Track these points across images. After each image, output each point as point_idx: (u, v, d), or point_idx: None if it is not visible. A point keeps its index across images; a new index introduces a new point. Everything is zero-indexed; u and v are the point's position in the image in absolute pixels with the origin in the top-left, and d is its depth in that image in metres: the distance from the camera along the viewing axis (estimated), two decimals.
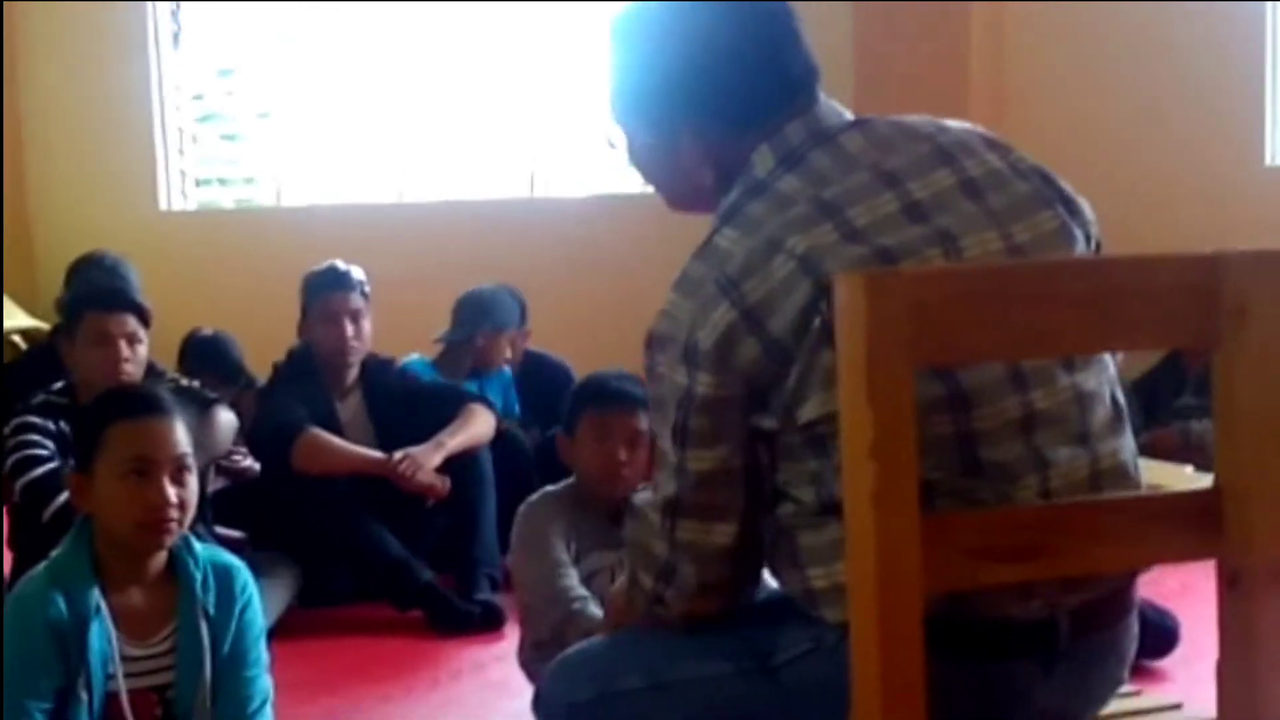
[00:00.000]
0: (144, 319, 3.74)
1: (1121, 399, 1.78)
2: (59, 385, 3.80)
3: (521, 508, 3.02)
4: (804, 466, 1.68)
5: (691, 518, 1.73)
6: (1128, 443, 1.77)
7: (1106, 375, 1.76)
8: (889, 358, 1.41)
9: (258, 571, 2.45)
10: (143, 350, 3.72)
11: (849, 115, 1.81)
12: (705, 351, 1.67)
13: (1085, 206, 1.81)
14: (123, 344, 3.66)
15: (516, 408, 4.92)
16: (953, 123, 1.82)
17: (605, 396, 2.98)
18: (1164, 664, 3.35)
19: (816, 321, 1.63)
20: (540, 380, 5.07)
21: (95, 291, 3.96)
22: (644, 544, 1.79)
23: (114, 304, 3.75)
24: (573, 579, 2.89)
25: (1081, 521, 1.59)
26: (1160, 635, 3.32)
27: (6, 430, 3.73)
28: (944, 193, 1.71)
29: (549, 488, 3.07)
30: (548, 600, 2.83)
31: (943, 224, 1.69)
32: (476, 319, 4.95)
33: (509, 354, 5.00)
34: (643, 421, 2.93)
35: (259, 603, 2.40)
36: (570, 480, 3.05)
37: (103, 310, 3.70)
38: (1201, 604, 3.84)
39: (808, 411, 1.65)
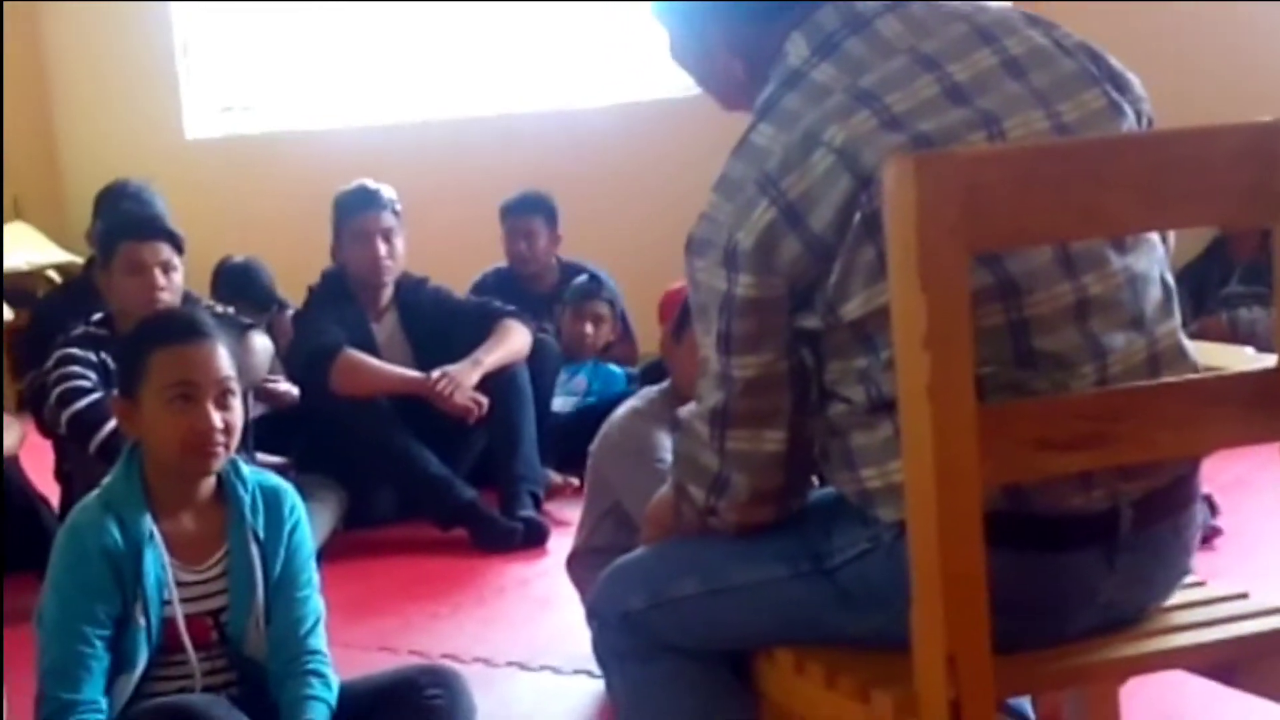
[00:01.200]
0: (178, 246, 3.73)
1: (1170, 280, 1.75)
2: (98, 317, 3.81)
3: (623, 413, 3.00)
4: (852, 365, 1.65)
5: (740, 426, 1.70)
6: (1178, 324, 1.74)
7: (1156, 256, 1.72)
8: (941, 242, 1.38)
9: (302, 495, 2.44)
10: (178, 278, 3.72)
11: None
12: (745, 252, 1.64)
13: (1135, 83, 1.76)
14: (158, 272, 3.66)
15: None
16: (991, 2, 1.77)
17: None
18: (1223, 559, 3.32)
19: (857, 216, 1.59)
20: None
21: (128, 221, 3.93)
22: (693, 457, 1.77)
23: (148, 233, 3.74)
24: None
25: (1142, 407, 1.56)
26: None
27: (49, 363, 3.74)
28: (985, 73, 1.67)
29: (647, 390, 3.06)
30: (647, 489, 2.79)
31: (985, 105, 1.65)
32: None
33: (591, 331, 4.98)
34: None
35: (307, 524, 2.39)
36: (665, 385, 3.03)
37: (137, 239, 3.70)
38: (1256, 497, 3.83)
39: (852, 309, 1.61)
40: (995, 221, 1.43)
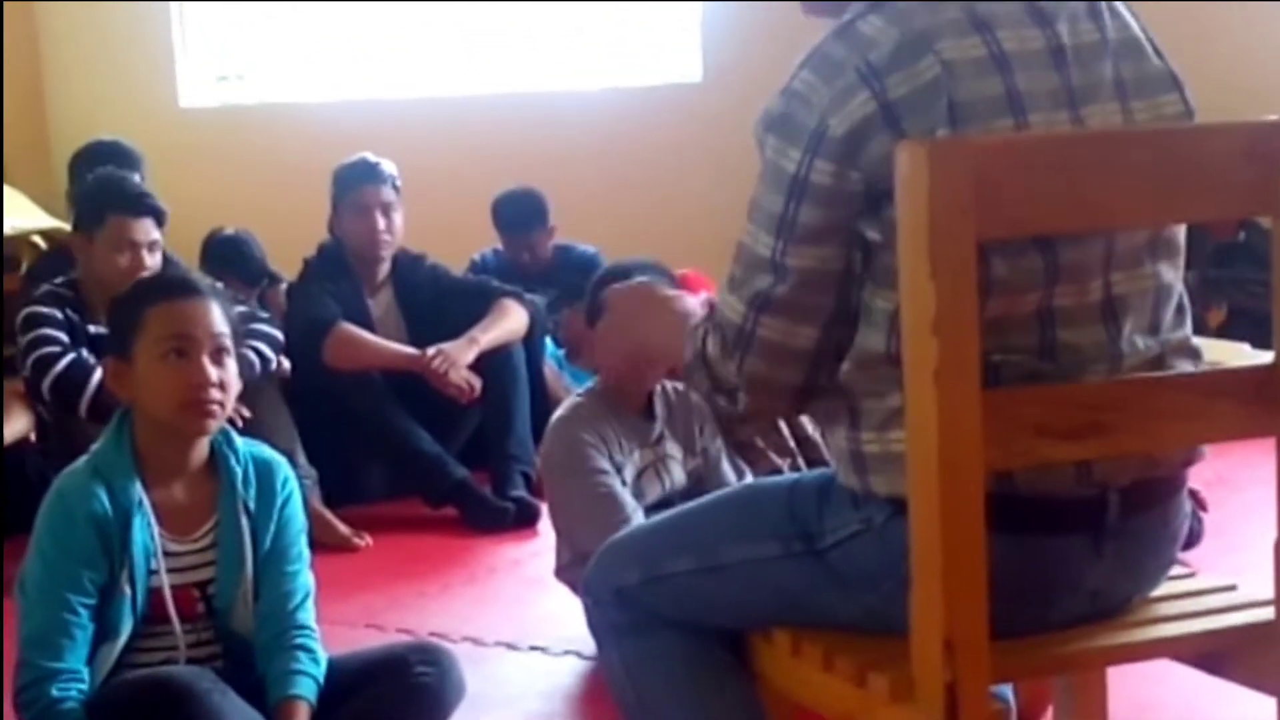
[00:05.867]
0: (162, 223, 3.72)
1: (1185, 295, 1.76)
2: (61, 280, 3.79)
3: (551, 424, 2.97)
4: (888, 300, 1.61)
5: (779, 316, 1.66)
6: (1190, 332, 1.75)
7: (1179, 269, 1.73)
8: (952, 229, 1.38)
9: None
10: (159, 256, 3.72)
11: None
12: (834, 139, 1.59)
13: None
14: (144, 251, 3.66)
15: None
16: None
17: None
18: (1210, 553, 3.33)
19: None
20: (570, 270, 5.07)
21: (121, 193, 3.80)
22: (723, 337, 1.72)
23: (140, 209, 3.70)
24: (616, 485, 2.84)
25: (1143, 398, 1.58)
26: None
27: (16, 324, 3.71)
28: (1086, 47, 1.66)
29: (575, 396, 3.03)
30: (593, 515, 2.77)
31: (1075, 80, 1.64)
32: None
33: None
34: None
35: (300, 498, 2.38)
36: (591, 385, 3.01)
37: (129, 215, 3.67)
38: (1239, 494, 3.86)
39: None
40: (1005, 210, 1.44)
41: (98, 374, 3.56)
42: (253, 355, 3.65)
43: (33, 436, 3.92)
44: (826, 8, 1.73)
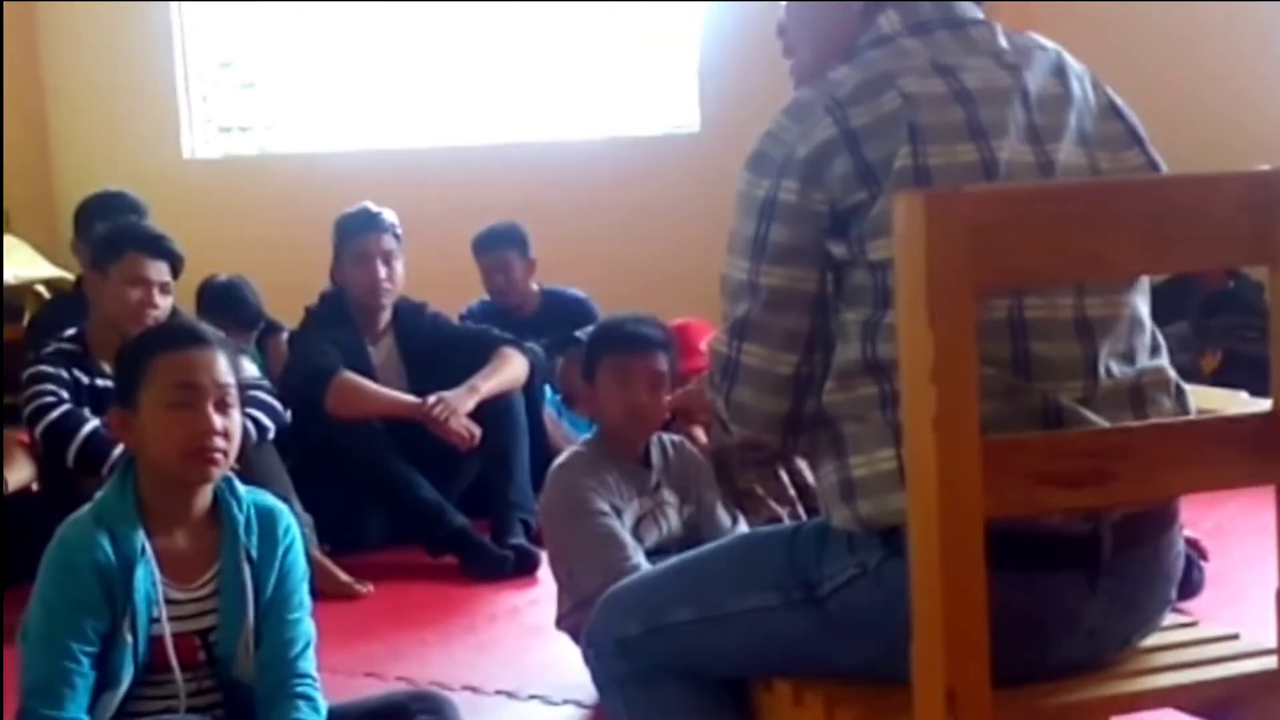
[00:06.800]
0: (176, 271, 3.78)
1: (1159, 334, 1.80)
2: (69, 333, 3.83)
3: (550, 472, 3.00)
4: (859, 313, 1.68)
5: (758, 341, 1.73)
6: (1167, 363, 1.79)
7: (1147, 305, 1.78)
8: (949, 280, 1.40)
9: None
10: (170, 301, 3.77)
11: (981, 16, 1.84)
12: (799, 160, 1.70)
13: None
14: (156, 291, 3.71)
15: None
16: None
17: (624, 340, 2.96)
18: (1212, 602, 3.33)
19: (909, 164, 1.65)
20: (561, 315, 5.10)
21: (140, 233, 3.89)
22: (714, 365, 1.80)
23: (157, 250, 3.76)
24: (616, 526, 2.87)
25: (1142, 446, 1.58)
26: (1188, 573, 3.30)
27: (22, 380, 3.75)
28: (1050, 98, 1.75)
29: (575, 446, 3.07)
30: (595, 555, 2.80)
31: (1040, 121, 1.72)
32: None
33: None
34: (662, 363, 2.95)
35: (301, 546, 2.38)
36: (589, 436, 3.04)
37: (145, 254, 3.73)
38: (1240, 543, 3.85)
39: (879, 248, 1.65)
40: (1000, 261, 1.45)
41: (88, 426, 3.62)
42: (250, 425, 3.66)
43: (35, 486, 3.94)
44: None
